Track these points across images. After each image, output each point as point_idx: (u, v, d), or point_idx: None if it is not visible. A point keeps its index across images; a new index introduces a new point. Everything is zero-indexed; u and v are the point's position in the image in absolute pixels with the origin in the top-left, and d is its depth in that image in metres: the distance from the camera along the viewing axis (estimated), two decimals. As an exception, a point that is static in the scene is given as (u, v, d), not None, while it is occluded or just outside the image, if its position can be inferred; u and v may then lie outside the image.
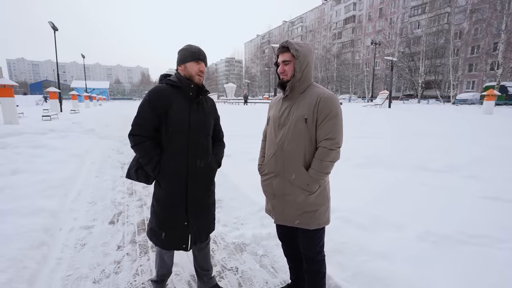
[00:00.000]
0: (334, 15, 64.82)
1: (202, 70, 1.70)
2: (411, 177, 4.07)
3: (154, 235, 1.72)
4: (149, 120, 1.61)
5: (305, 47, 1.51)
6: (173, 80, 1.68)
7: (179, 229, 1.69)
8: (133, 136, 1.62)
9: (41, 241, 2.39)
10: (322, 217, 1.56)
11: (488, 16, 29.44)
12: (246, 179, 3.97)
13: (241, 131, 8.95)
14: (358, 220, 2.66)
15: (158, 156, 1.64)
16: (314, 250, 1.62)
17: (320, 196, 1.54)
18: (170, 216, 1.68)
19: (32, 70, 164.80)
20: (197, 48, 1.69)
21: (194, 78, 1.68)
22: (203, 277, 1.96)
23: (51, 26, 18.49)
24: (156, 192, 1.73)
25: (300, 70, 1.49)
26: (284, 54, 1.52)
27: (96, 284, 2.05)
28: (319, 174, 1.48)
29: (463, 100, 29.58)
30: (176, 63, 1.72)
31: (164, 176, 1.66)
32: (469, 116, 13.33)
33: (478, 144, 6.14)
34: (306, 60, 1.50)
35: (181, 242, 1.71)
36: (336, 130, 1.47)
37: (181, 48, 1.71)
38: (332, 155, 1.47)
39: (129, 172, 1.75)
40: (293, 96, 1.56)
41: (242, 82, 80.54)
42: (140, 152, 1.63)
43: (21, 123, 9.85)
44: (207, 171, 1.76)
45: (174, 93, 1.65)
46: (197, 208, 1.73)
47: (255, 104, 31.96)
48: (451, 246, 2.26)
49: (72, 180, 4.22)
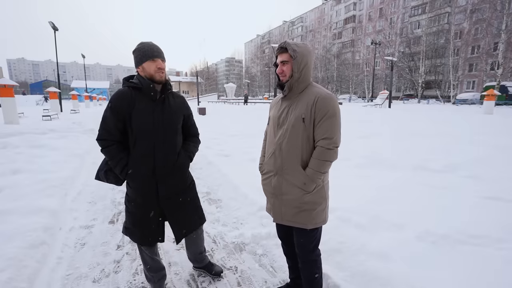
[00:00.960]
0: (334, 15, 64.80)
1: (160, 67, 1.66)
2: (410, 177, 4.08)
3: (130, 233, 1.78)
4: (113, 124, 1.65)
5: (303, 47, 1.51)
6: (134, 83, 1.68)
7: (154, 225, 1.74)
8: (100, 141, 1.68)
9: (41, 240, 2.40)
10: (319, 216, 1.57)
11: (488, 16, 29.42)
12: (246, 179, 3.97)
13: (241, 131, 8.96)
14: (357, 220, 2.66)
15: (125, 159, 1.68)
16: (308, 248, 1.62)
17: (317, 195, 1.55)
18: (144, 215, 1.72)
19: (33, 70, 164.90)
20: (150, 46, 1.66)
21: (155, 77, 1.66)
22: (197, 258, 2.12)
23: (51, 26, 18.50)
24: (128, 193, 1.77)
25: (298, 70, 1.50)
26: (283, 54, 1.53)
27: (96, 283, 2.06)
28: (316, 173, 1.49)
29: (463, 100, 29.55)
30: (134, 65, 1.70)
31: (133, 178, 1.70)
32: (469, 116, 13.32)
33: (478, 144, 6.14)
34: (304, 60, 1.50)
35: (156, 236, 1.77)
36: (333, 129, 1.47)
37: (134, 49, 1.68)
38: (330, 154, 1.48)
39: (98, 174, 1.78)
40: (292, 96, 1.57)
41: (242, 82, 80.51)
42: (108, 155, 1.68)
43: (22, 123, 9.86)
44: (176, 169, 1.77)
45: (136, 95, 1.66)
46: (170, 206, 1.77)
47: (255, 104, 32.01)
48: (450, 246, 2.26)
49: (72, 180, 4.23)
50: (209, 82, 73.02)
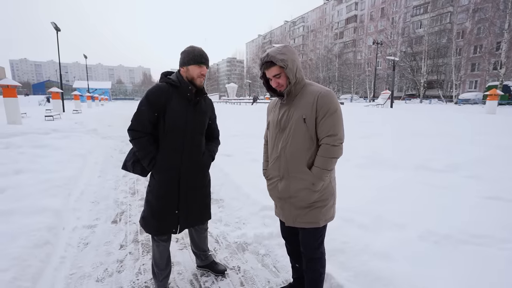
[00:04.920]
0: (336, 14, 64.70)
1: (203, 74, 1.76)
2: (412, 177, 4.07)
3: (147, 223, 1.83)
4: (147, 116, 1.70)
5: (287, 51, 1.47)
6: (172, 80, 1.75)
7: (169, 217, 1.81)
8: (132, 131, 1.72)
9: (45, 240, 2.41)
10: (328, 213, 1.58)
11: (491, 15, 29.28)
12: (248, 179, 3.98)
13: (242, 131, 8.96)
14: (359, 220, 2.66)
15: (154, 152, 1.74)
16: (313, 246, 1.62)
17: (325, 192, 1.55)
18: (163, 206, 1.79)
19: (35, 70, 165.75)
20: (200, 51, 1.73)
21: (196, 81, 1.75)
22: (201, 256, 2.17)
23: (53, 27, 18.60)
24: (150, 184, 1.83)
25: (293, 75, 1.48)
26: (271, 68, 1.49)
27: (99, 282, 2.07)
28: (323, 171, 1.47)
29: (466, 100, 29.45)
30: (179, 64, 1.78)
31: (158, 171, 1.76)
32: (472, 116, 13.26)
33: (480, 143, 6.11)
34: (295, 64, 1.48)
35: (171, 227, 1.83)
36: (337, 125, 1.46)
37: (184, 50, 1.75)
38: (335, 151, 1.46)
39: (125, 164, 1.84)
40: (290, 99, 1.55)
41: (244, 82, 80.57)
42: (137, 146, 1.73)
43: (24, 123, 9.91)
44: (199, 167, 1.87)
45: (172, 92, 1.73)
46: (188, 200, 1.84)
47: (257, 104, 32.14)
48: (452, 246, 2.25)
49: (75, 180, 4.24)
50: (210, 82, 73.21)
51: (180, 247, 2.57)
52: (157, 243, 1.87)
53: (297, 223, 1.59)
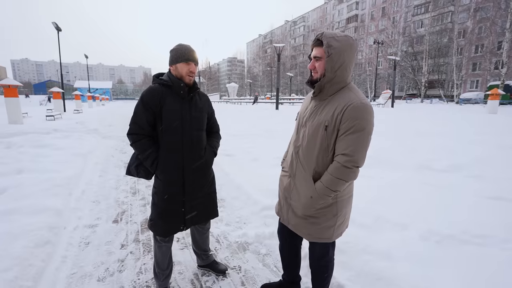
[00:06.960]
0: (337, 14, 64.65)
1: (192, 71, 1.76)
2: (414, 177, 4.06)
3: (155, 225, 1.83)
4: (144, 118, 1.72)
5: (343, 42, 1.26)
6: (164, 80, 1.76)
7: (176, 216, 1.82)
8: (131, 135, 1.74)
9: (46, 239, 2.42)
10: (324, 232, 1.44)
11: (492, 14, 29.21)
12: (248, 179, 3.97)
13: (242, 131, 8.96)
14: (361, 220, 2.65)
15: (155, 153, 1.75)
16: (316, 256, 1.61)
17: (326, 211, 1.40)
18: (169, 207, 1.80)
19: (36, 70, 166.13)
20: (187, 49, 1.73)
21: (185, 79, 1.75)
22: (202, 256, 2.18)
23: (54, 27, 18.62)
24: (155, 185, 1.84)
25: (332, 70, 1.28)
26: (317, 48, 1.31)
27: (100, 282, 2.07)
28: (326, 190, 1.31)
29: (467, 100, 29.39)
30: (168, 63, 1.79)
31: (162, 171, 1.77)
32: (473, 116, 13.23)
33: (482, 143, 6.09)
34: (341, 59, 1.27)
35: (178, 225, 1.85)
36: (357, 146, 1.24)
37: (172, 48, 1.76)
38: (346, 173, 1.27)
39: (129, 168, 1.85)
40: (322, 97, 1.38)
41: (244, 82, 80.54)
42: (138, 149, 1.74)
43: (25, 123, 9.93)
44: (202, 164, 1.87)
45: (166, 92, 1.74)
46: (194, 198, 1.85)
47: (258, 103, 32.18)
48: (454, 246, 2.25)
49: (76, 179, 4.25)
50: (211, 82, 73.04)
51: (181, 246, 2.57)
52: (159, 244, 1.87)
53: (290, 225, 1.58)
